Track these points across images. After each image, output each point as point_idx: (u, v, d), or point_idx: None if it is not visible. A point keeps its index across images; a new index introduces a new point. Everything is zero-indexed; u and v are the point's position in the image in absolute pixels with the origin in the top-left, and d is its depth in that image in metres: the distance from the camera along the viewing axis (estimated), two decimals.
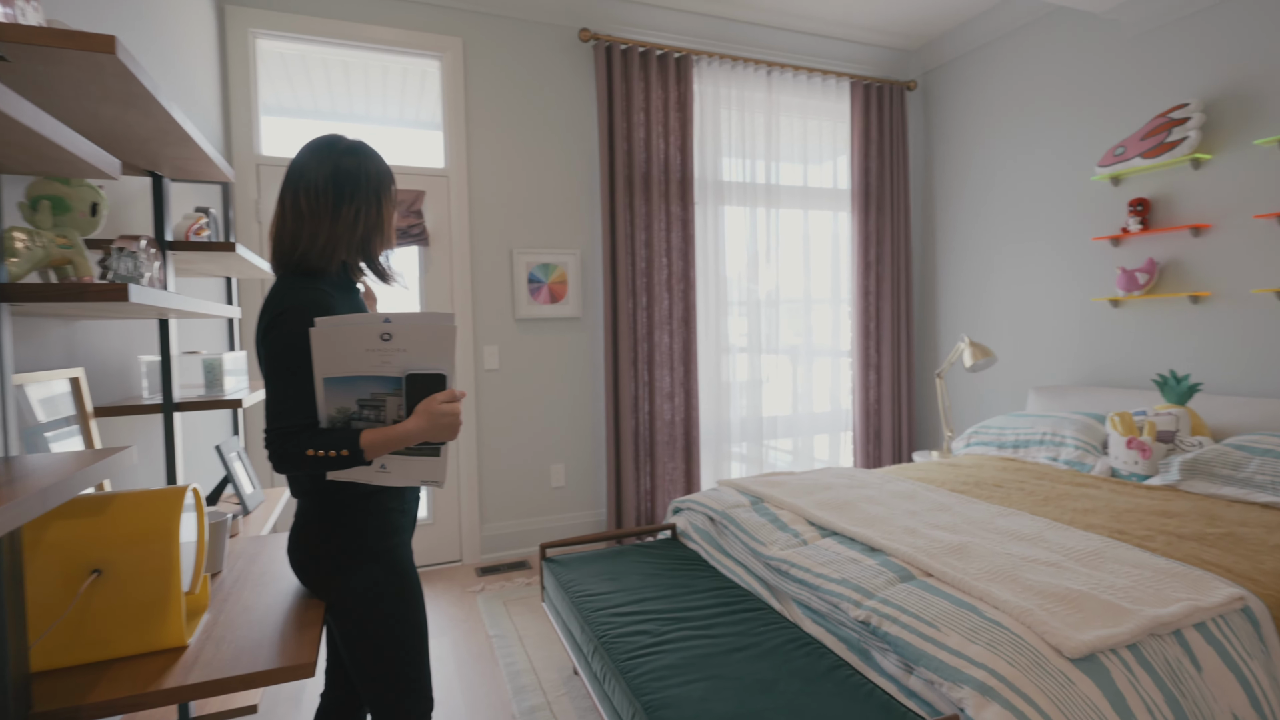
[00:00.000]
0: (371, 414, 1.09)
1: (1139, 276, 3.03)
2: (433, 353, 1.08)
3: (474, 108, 3.34)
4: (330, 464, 1.05)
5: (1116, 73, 3.18)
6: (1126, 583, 1.57)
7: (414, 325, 1.06)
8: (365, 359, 1.06)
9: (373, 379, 1.07)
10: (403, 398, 1.09)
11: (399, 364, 1.07)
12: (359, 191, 1.17)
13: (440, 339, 1.07)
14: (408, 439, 1.08)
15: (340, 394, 1.07)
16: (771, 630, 1.70)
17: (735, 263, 3.85)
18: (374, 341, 1.05)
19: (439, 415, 1.08)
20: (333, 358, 1.05)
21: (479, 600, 2.92)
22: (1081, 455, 2.76)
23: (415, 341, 1.06)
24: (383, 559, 1.19)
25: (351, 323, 1.04)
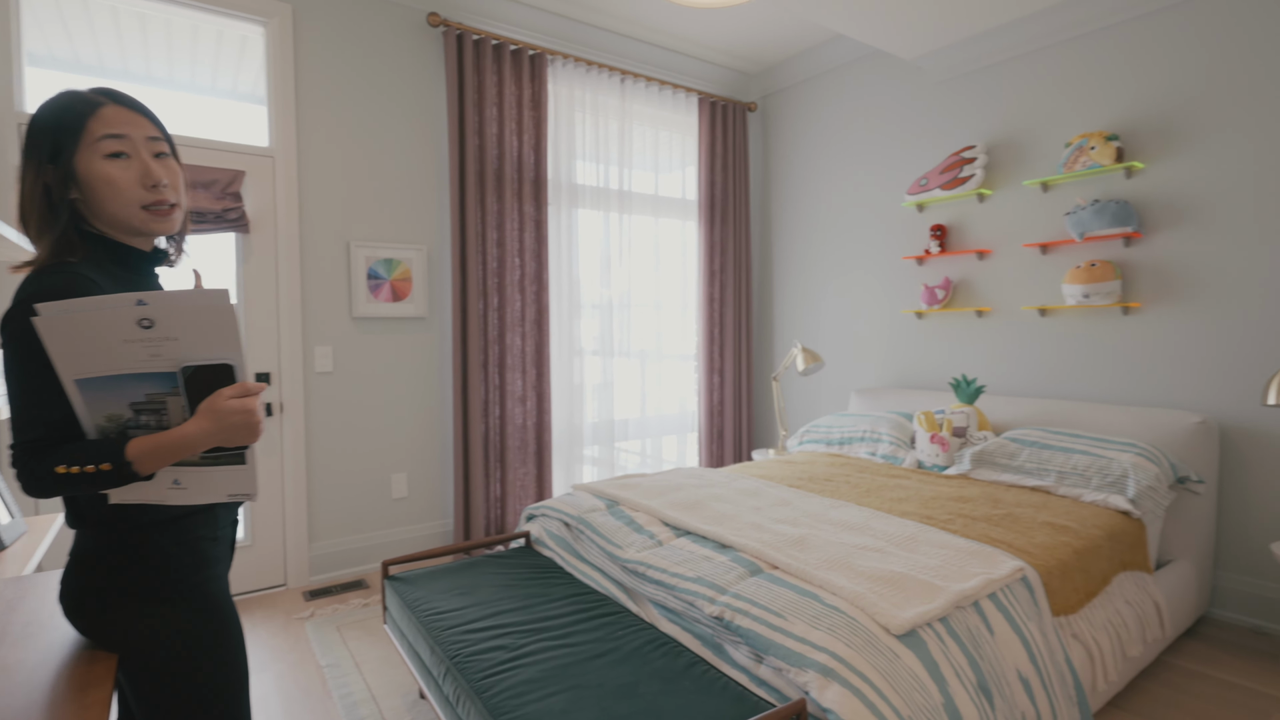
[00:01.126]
0: (151, 419, 0.90)
1: (938, 292, 3.48)
2: (211, 339, 0.88)
3: (305, 84, 3.03)
4: (90, 482, 0.86)
5: (922, 112, 3.63)
6: (936, 562, 1.78)
7: (180, 306, 0.85)
8: (127, 352, 0.86)
9: (144, 376, 0.88)
10: (184, 397, 0.90)
11: (172, 356, 0.88)
12: (26, 147, 0.96)
13: (217, 321, 0.87)
14: (190, 445, 0.89)
15: (105, 398, 0.87)
16: (630, 633, 1.71)
17: (588, 265, 3.85)
18: (131, 330, 0.85)
19: (227, 414, 0.89)
20: (78, 353, 0.84)
21: (308, 627, 2.64)
22: (894, 450, 3.11)
23: (186, 326, 0.86)
24: (193, 598, 1.01)
25: (89, 307, 0.82)
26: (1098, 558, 2.07)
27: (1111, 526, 2.21)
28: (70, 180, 0.95)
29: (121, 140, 0.97)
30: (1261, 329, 2.55)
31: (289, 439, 3.03)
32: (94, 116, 0.96)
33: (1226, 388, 2.64)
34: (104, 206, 0.97)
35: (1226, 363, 2.64)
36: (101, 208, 0.97)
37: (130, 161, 0.98)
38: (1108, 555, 2.12)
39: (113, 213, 0.98)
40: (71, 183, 0.96)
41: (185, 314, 0.86)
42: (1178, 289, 2.75)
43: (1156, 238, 2.80)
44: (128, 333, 0.85)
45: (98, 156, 0.96)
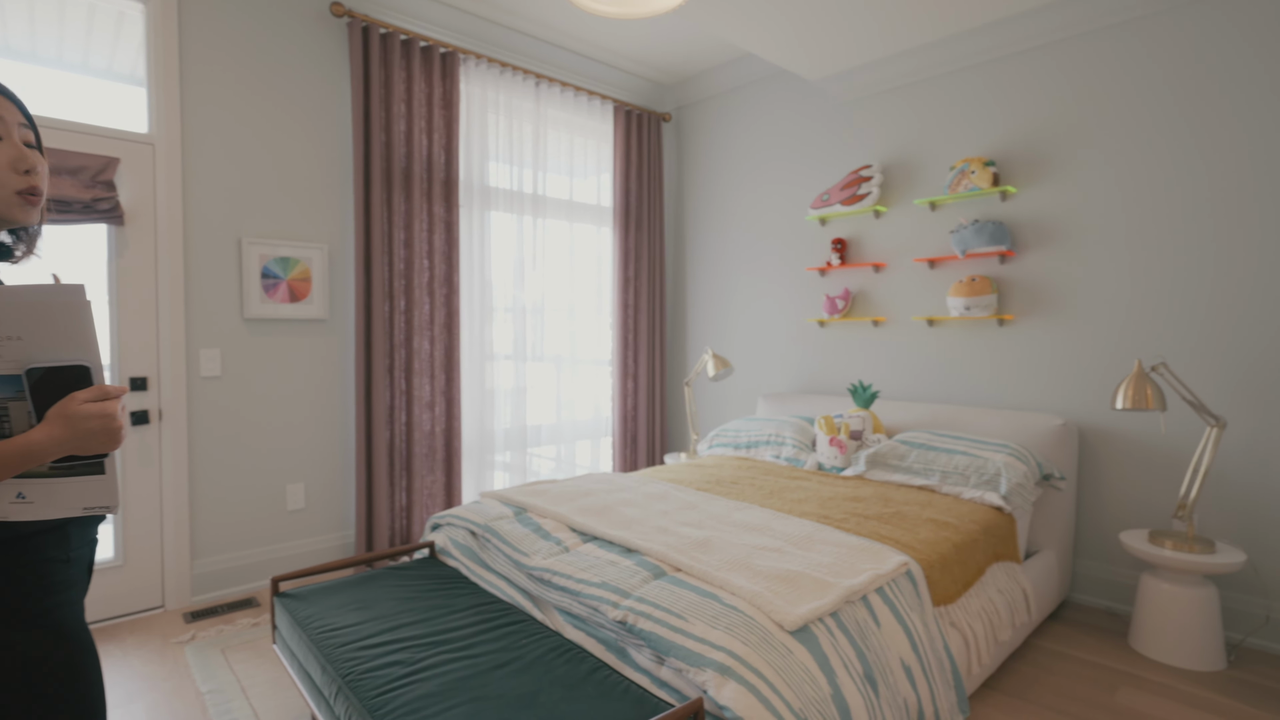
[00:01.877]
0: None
1: (838, 302, 3.66)
2: (62, 339, 0.81)
3: (191, 67, 2.83)
4: None
5: (827, 130, 3.82)
6: (829, 560, 1.88)
7: (22, 303, 0.78)
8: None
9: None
10: (29, 401, 0.83)
11: (14, 357, 0.80)
12: None
13: (70, 319, 0.81)
14: (36, 454, 0.82)
15: None
16: (533, 641, 1.70)
17: (501, 269, 3.80)
18: None
19: (82, 419, 0.83)
20: None
21: (188, 651, 2.45)
22: (797, 452, 3.24)
23: (32, 325, 0.79)
24: (41, 625, 0.92)
25: None
26: (974, 550, 2.24)
27: (987, 521, 2.40)
28: None
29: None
30: (1113, 340, 2.85)
31: (169, 448, 2.81)
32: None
33: (1084, 393, 2.93)
34: None
35: (1084, 370, 2.93)
36: None
37: (3, 145, 0.92)
38: (983, 548, 2.30)
39: None
40: None
41: (30, 311, 0.78)
42: (1044, 303, 3.03)
43: (1027, 256, 3.07)
44: None
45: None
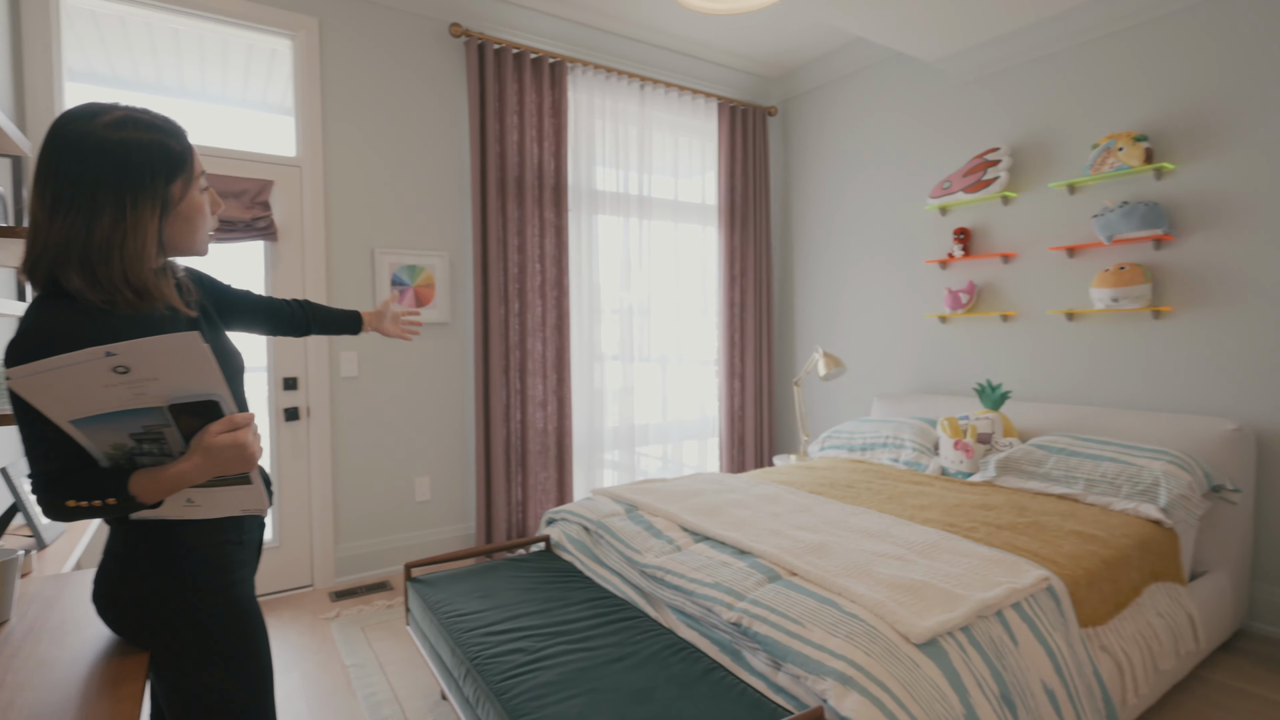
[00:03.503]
0: (153, 447, 0.91)
1: (961, 296, 3.43)
2: (189, 378, 0.87)
3: (331, 94, 3.10)
4: (102, 513, 0.88)
5: (945, 115, 3.60)
6: (959, 571, 1.76)
7: (149, 351, 0.83)
8: (111, 395, 0.85)
9: (137, 412, 0.87)
10: (176, 429, 0.90)
11: (156, 393, 0.87)
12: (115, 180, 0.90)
13: (192, 362, 0.86)
14: (188, 480, 0.89)
15: (105, 431, 0.88)
16: (648, 638, 1.71)
17: (608, 271, 3.88)
18: (109, 376, 0.83)
19: (218, 450, 0.89)
20: (65, 401, 0.84)
21: (333, 628, 2.68)
22: (918, 456, 3.07)
23: (161, 369, 0.85)
24: (218, 599, 1.03)
25: (60, 365, 0.80)
26: (1127, 568, 2.02)
27: (1142, 536, 2.16)
28: (166, 214, 0.96)
29: (204, 174, 1.02)
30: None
31: (315, 443, 3.09)
32: (192, 150, 0.99)
33: (1263, 394, 2.57)
34: (188, 238, 1.00)
35: (1263, 368, 2.56)
36: (183, 240, 1.00)
37: (209, 194, 1.03)
38: (1138, 565, 2.07)
39: (190, 244, 1.01)
40: (166, 218, 0.96)
41: (157, 357, 0.84)
42: (1211, 292, 2.68)
43: (1189, 240, 2.73)
44: (106, 379, 0.84)
45: (197, 189, 1.00)
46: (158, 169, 0.93)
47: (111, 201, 0.89)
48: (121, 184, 0.90)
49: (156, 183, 0.93)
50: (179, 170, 0.95)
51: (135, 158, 0.90)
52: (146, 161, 0.91)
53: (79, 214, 0.89)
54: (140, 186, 0.91)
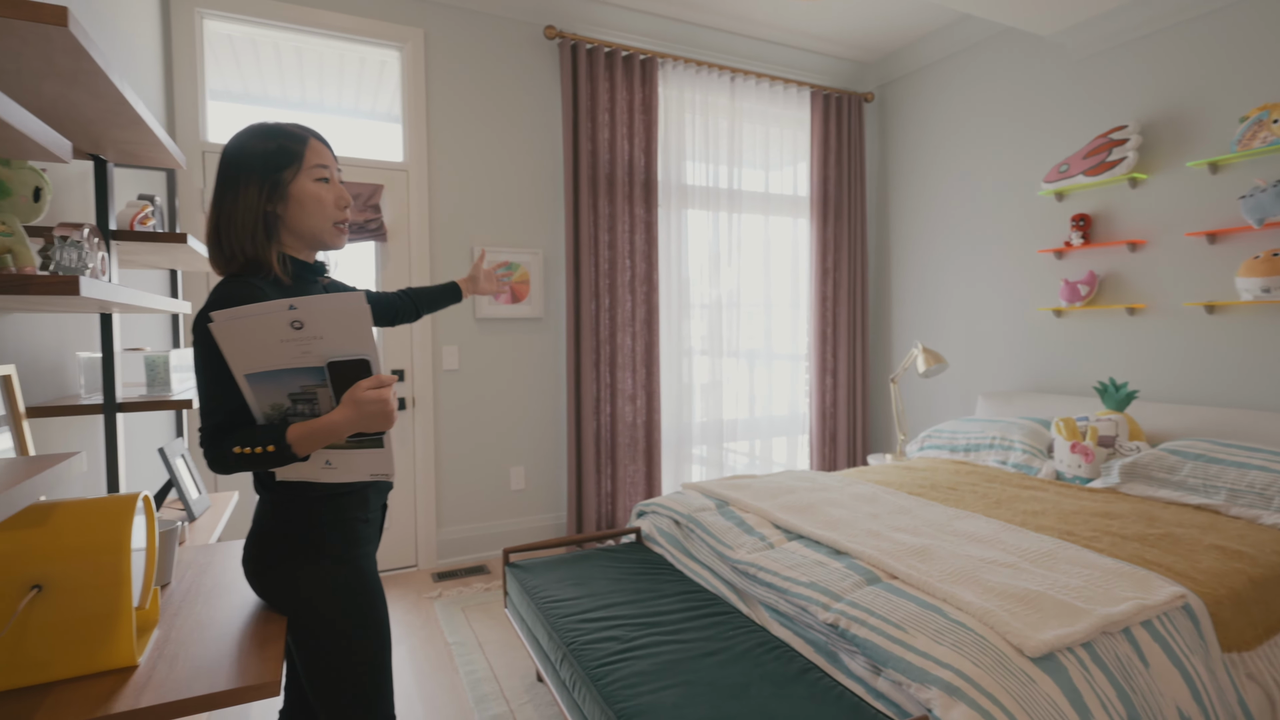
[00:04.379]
0: (305, 408, 1.03)
1: (1080, 288, 3.18)
2: (349, 337, 0.99)
3: (435, 101, 3.26)
4: (260, 461, 0.99)
5: (1062, 93, 3.33)
6: (1078, 583, 1.64)
7: (323, 309, 0.96)
8: (283, 351, 0.98)
9: (298, 371, 1.00)
10: (330, 388, 1.02)
11: (319, 353, 0.99)
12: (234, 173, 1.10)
13: (353, 321, 0.98)
14: (336, 431, 1.00)
15: (269, 390, 1.01)
16: (741, 634, 1.71)
17: (697, 265, 3.86)
18: (286, 331, 0.97)
19: (365, 403, 1.00)
20: (246, 352, 0.97)
21: (436, 606, 2.84)
22: (1028, 459, 2.88)
23: (328, 327, 0.98)
24: (345, 568, 1.12)
25: (253, 313, 0.95)
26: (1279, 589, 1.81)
27: None
28: (281, 197, 1.11)
29: (325, 169, 1.14)
30: None
31: (420, 432, 3.27)
32: (308, 147, 1.13)
33: None
34: (306, 220, 1.13)
35: None
36: (303, 222, 1.13)
37: (330, 185, 1.15)
38: None
39: (311, 226, 1.14)
40: (280, 200, 1.11)
41: (327, 315, 0.97)
42: None
43: None
44: (283, 334, 0.97)
45: (309, 179, 1.12)
46: (270, 159, 1.09)
47: (232, 185, 1.08)
48: (239, 171, 1.08)
49: (266, 168, 1.09)
50: (290, 161, 1.10)
51: (252, 149, 1.09)
52: (262, 153, 1.09)
53: (217, 198, 1.10)
54: (251, 171, 1.08)
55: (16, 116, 0.69)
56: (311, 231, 1.14)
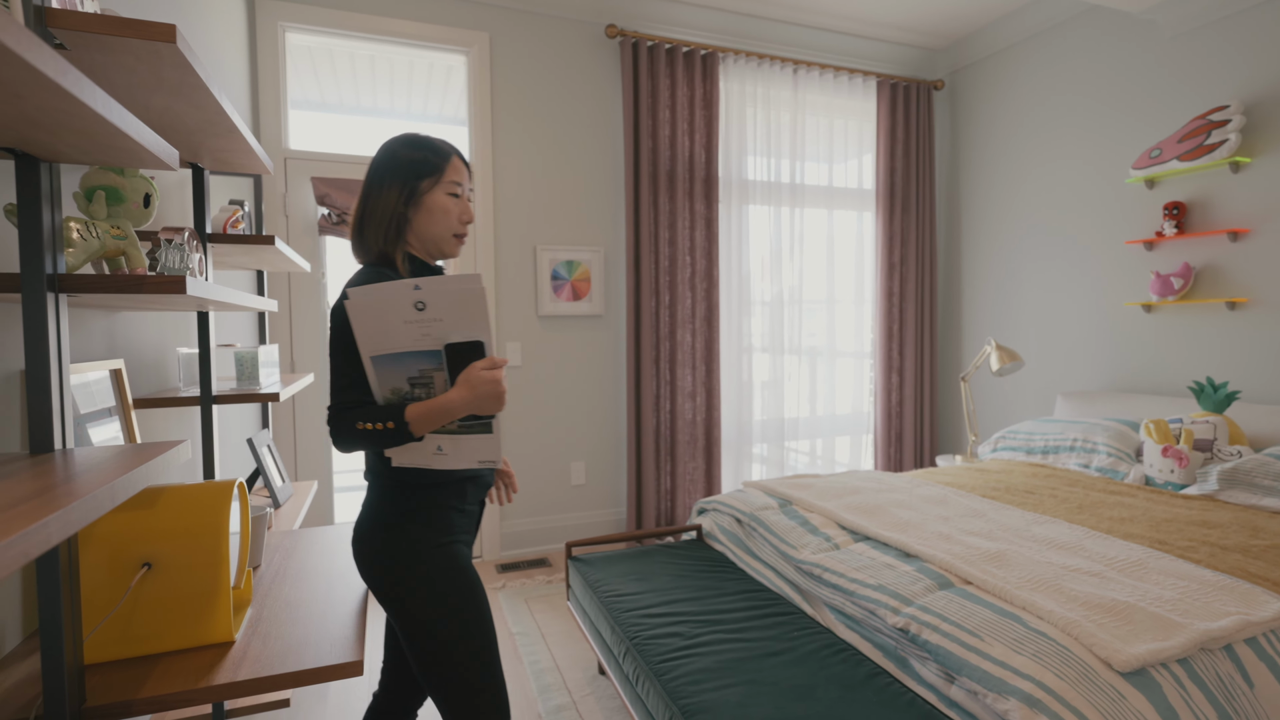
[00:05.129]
0: (422, 392, 1.08)
1: (1174, 281, 2.97)
2: (467, 319, 1.03)
3: (499, 103, 3.33)
4: (380, 438, 1.05)
5: (1153, 73, 3.13)
6: (1173, 595, 1.54)
7: (443, 290, 1.01)
8: (406, 332, 1.03)
9: (418, 354, 1.05)
10: (446, 371, 1.06)
11: (437, 334, 1.04)
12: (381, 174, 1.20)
13: (471, 303, 1.02)
14: (452, 411, 1.05)
15: (390, 373, 1.06)
16: (805, 635, 1.68)
17: (758, 262, 3.82)
18: (409, 312, 1.02)
19: (480, 383, 1.04)
20: (374, 332, 1.03)
21: (501, 597, 2.91)
22: (1114, 463, 2.72)
23: (448, 308, 1.02)
24: (438, 555, 1.15)
25: (383, 293, 1.01)
26: None
27: None
28: (415, 203, 1.20)
29: (459, 186, 1.24)
30: None
31: None
32: (449, 163, 1.22)
33: None
34: (431, 227, 1.21)
35: None
36: (428, 228, 1.21)
37: (459, 201, 1.24)
38: None
39: (435, 233, 1.22)
40: (414, 205, 1.20)
41: (448, 297, 1.01)
42: None
43: None
44: (407, 314, 1.02)
45: (443, 192, 1.21)
46: (414, 167, 1.19)
47: (378, 185, 1.19)
48: (385, 173, 1.19)
49: (408, 175, 1.19)
50: (430, 172, 1.20)
51: (400, 156, 1.20)
52: (408, 161, 1.19)
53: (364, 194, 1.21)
54: (395, 176, 1.19)
55: (134, 128, 0.74)
56: (434, 238, 1.22)
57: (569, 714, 2.01)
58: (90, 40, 0.88)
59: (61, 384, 0.82)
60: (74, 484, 0.63)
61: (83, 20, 0.85)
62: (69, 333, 1.20)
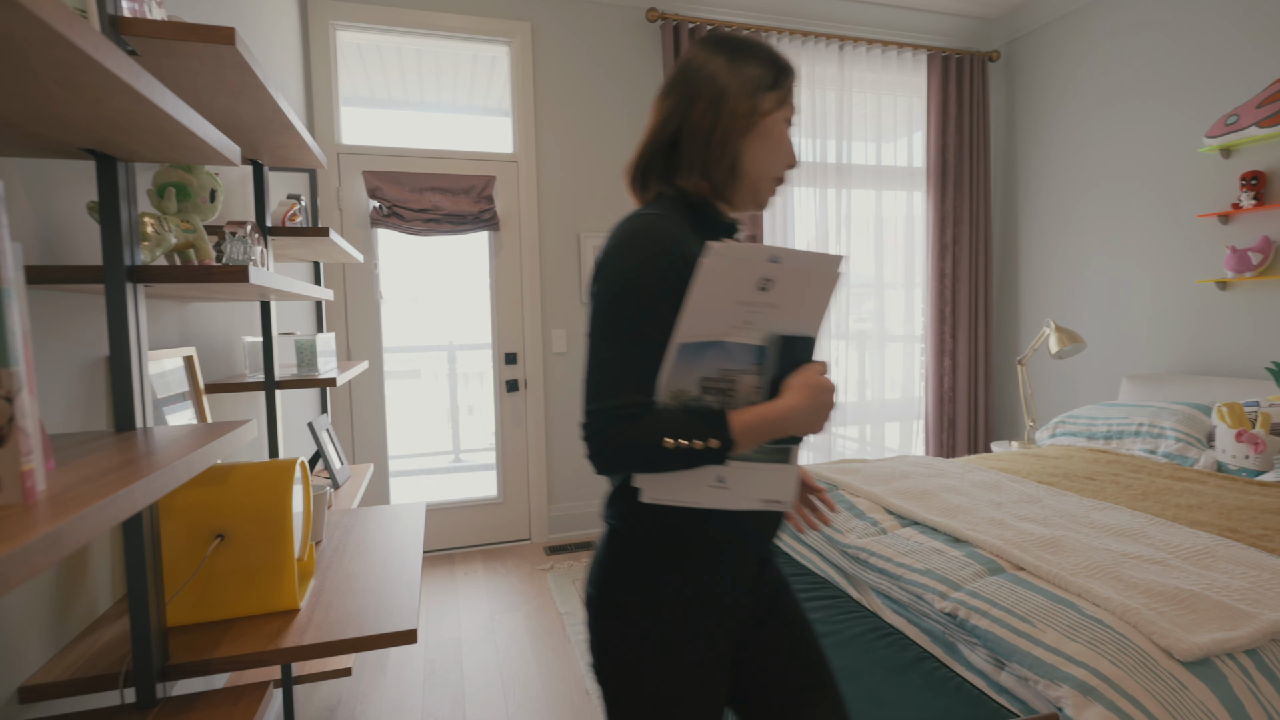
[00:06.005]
0: (714, 399, 0.79)
1: (1252, 256, 2.80)
2: (809, 309, 0.80)
3: (542, 92, 3.36)
4: (685, 459, 0.75)
5: (1227, 36, 2.93)
6: (1243, 584, 1.47)
7: (803, 267, 0.77)
8: (732, 314, 0.77)
9: (725, 347, 0.78)
10: (757, 375, 0.80)
11: (763, 325, 0.79)
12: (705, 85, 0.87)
13: (824, 290, 0.79)
14: (784, 424, 0.77)
15: (685, 370, 0.78)
16: (851, 619, 1.67)
17: (803, 244, 3.76)
18: (748, 290, 0.76)
19: (820, 391, 0.78)
20: (704, 310, 0.76)
21: (549, 578, 2.98)
22: (1183, 448, 2.59)
23: (795, 291, 0.78)
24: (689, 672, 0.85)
25: (743, 254, 0.74)
26: None
27: None
28: (751, 126, 0.87)
29: (793, 117, 0.92)
30: None
31: (531, 412, 3.43)
32: (794, 82, 0.91)
33: None
34: (760, 161, 0.89)
35: None
36: (758, 162, 0.89)
37: (789, 135, 0.92)
38: None
39: (761, 170, 0.89)
40: (749, 129, 0.87)
41: (803, 277, 0.78)
42: None
43: None
44: (744, 291, 0.76)
45: (782, 118, 0.89)
46: (757, 81, 0.88)
47: (696, 98, 0.87)
48: (717, 82, 0.87)
49: (752, 88, 0.87)
50: (777, 84, 0.89)
51: (738, 63, 0.88)
52: (749, 72, 0.88)
53: (671, 111, 0.89)
54: (733, 86, 0.87)
55: (200, 126, 0.79)
56: (758, 176, 0.90)
57: None
58: (158, 45, 0.94)
59: (141, 367, 0.88)
60: (154, 457, 0.68)
61: (152, 27, 0.90)
62: (146, 321, 1.28)
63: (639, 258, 0.78)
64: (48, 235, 0.99)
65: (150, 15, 1.01)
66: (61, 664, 0.92)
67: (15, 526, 0.45)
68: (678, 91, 0.89)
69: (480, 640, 2.44)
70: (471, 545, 3.42)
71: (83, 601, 1.04)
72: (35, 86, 0.61)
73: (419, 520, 1.52)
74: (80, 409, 1.05)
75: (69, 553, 0.46)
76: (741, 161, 0.88)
